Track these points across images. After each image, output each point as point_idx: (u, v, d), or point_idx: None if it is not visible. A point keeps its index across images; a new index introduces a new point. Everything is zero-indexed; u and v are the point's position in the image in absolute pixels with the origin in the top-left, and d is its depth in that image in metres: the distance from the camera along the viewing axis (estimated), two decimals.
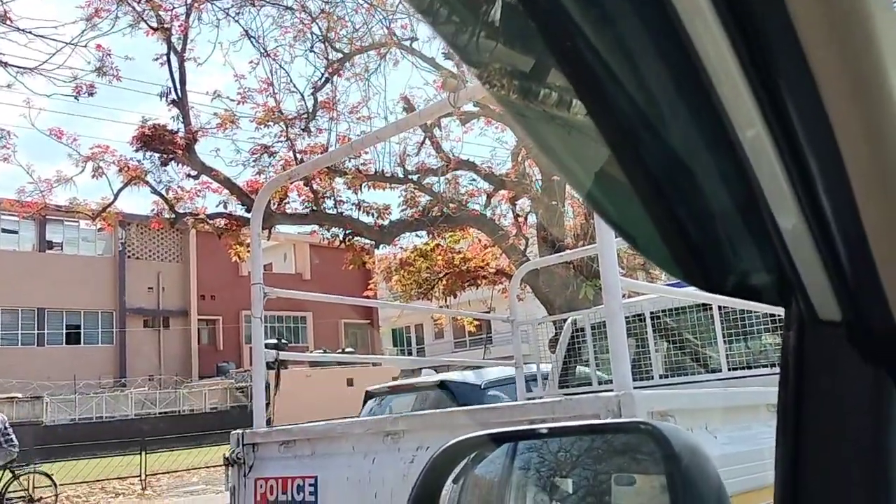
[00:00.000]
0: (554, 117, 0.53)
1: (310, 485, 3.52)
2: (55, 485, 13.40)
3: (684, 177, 0.52)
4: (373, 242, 14.30)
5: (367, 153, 13.06)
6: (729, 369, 4.28)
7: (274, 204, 12.57)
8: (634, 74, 0.48)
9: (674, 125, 0.51)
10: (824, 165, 0.46)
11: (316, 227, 14.56)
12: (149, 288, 33.09)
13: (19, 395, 25.50)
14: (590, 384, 4.91)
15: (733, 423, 2.62)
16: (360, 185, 13.07)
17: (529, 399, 4.91)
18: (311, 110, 13.55)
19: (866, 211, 0.47)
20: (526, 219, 14.34)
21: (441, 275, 14.79)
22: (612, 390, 2.43)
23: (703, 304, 4.41)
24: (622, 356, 2.54)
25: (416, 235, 14.81)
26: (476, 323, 19.50)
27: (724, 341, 4.30)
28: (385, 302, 16.10)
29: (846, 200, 0.46)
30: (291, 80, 21.05)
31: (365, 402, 6.45)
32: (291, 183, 11.73)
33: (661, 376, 4.76)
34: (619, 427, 0.88)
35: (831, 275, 0.52)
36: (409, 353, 37.20)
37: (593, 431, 0.88)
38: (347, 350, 29.77)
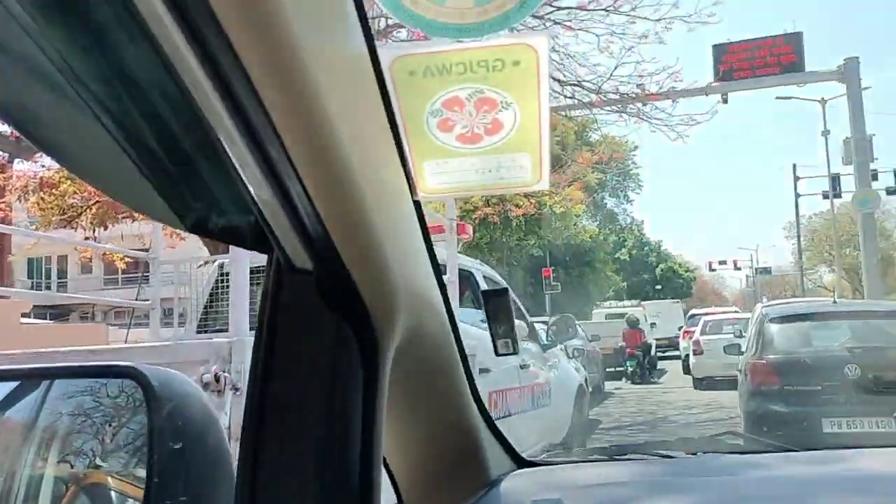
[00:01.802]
0: None
1: None
2: None
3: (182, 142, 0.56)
4: (7, 155, 12.19)
5: None
6: None
7: None
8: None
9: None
10: (273, 146, 0.53)
11: None
12: None
13: None
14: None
15: None
16: None
17: (160, 342, 4.65)
18: None
19: (312, 185, 0.55)
20: None
21: (91, 202, 13.18)
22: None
23: None
24: (241, 302, 2.54)
25: None
26: (128, 260, 17.88)
27: None
28: (14, 228, 13.80)
29: (297, 179, 0.54)
30: None
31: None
32: None
33: None
34: (103, 371, 0.83)
35: (297, 230, 0.59)
36: (49, 288, 32.87)
37: (76, 375, 0.82)
38: None
